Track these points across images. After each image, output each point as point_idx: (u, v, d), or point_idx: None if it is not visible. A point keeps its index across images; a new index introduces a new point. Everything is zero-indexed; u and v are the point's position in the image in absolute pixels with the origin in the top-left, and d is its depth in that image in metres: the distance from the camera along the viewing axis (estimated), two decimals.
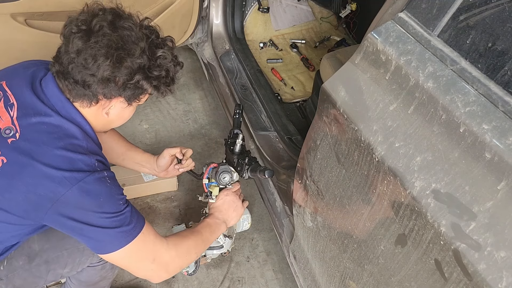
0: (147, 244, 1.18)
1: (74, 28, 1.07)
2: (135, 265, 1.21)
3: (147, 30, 1.13)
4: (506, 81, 0.73)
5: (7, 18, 1.58)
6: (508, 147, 0.69)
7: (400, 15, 0.93)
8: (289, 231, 1.61)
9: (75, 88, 1.08)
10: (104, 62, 1.04)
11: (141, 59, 1.08)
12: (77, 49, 1.05)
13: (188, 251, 1.31)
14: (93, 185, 1.06)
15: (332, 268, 1.21)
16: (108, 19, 1.07)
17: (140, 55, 1.07)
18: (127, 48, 1.06)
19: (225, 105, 2.18)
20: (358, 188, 0.99)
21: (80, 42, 1.04)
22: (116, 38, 1.05)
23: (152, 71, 1.11)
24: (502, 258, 0.67)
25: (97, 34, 1.05)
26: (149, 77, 1.11)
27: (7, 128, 1.08)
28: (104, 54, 1.04)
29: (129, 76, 1.08)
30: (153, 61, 1.11)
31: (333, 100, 1.03)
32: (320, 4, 2.69)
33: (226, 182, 1.54)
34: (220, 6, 2.30)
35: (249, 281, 1.87)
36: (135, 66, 1.07)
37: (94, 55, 1.04)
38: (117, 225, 1.10)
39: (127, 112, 1.21)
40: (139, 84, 1.10)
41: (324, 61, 1.60)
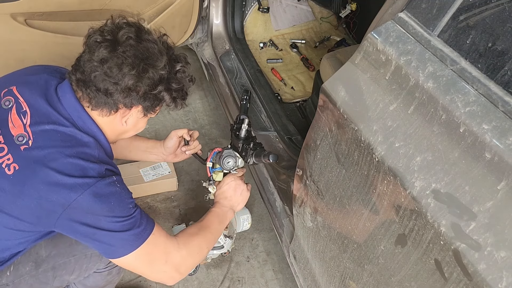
0: (158, 245, 1.18)
1: (98, 38, 1.09)
2: (148, 268, 1.20)
3: (166, 45, 1.17)
4: (506, 81, 0.73)
5: (7, 18, 1.58)
6: (508, 147, 0.69)
7: (400, 15, 0.93)
8: (289, 231, 1.61)
9: (97, 96, 1.10)
10: (130, 71, 1.06)
11: (164, 71, 1.12)
12: (102, 58, 1.06)
13: (200, 248, 1.30)
14: (104, 190, 1.07)
15: (332, 268, 1.21)
16: (133, 31, 1.10)
17: (163, 67, 1.11)
18: (152, 60, 1.09)
19: (225, 105, 2.18)
20: (358, 188, 0.99)
21: (106, 51, 1.06)
22: (142, 49, 1.09)
23: (172, 84, 1.15)
24: (502, 258, 0.67)
25: (124, 44, 1.07)
26: (169, 89, 1.15)
27: (20, 135, 1.08)
28: (130, 64, 1.06)
29: (151, 87, 1.11)
30: (173, 74, 1.15)
31: (333, 100, 1.03)
32: (320, 4, 2.69)
33: (230, 167, 1.50)
34: (220, 6, 2.30)
35: (249, 281, 1.87)
36: (156, 77, 1.11)
37: (119, 64, 1.06)
38: (128, 228, 1.10)
39: (141, 123, 1.24)
40: (160, 95, 1.14)
41: (324, 61, 1.60)
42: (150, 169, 2.14)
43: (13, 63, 1.73)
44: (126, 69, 1.06)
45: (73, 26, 1.80)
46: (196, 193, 2.16)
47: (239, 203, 1.49)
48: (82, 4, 1.76)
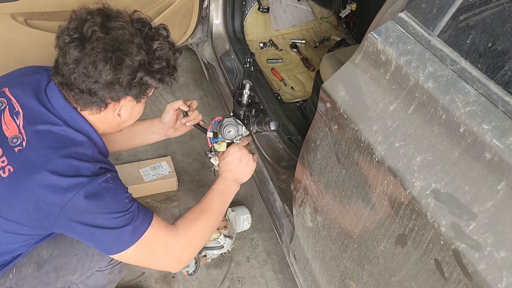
0: (158, 238, 1.16)
1: (67, 38, 1.06)
2: (150, 260, 1.19)
3: (139, 24, 1.11)
4: (506, 81, 0.73)
5: (7, 18, 1.58)
6: (508, 147, 0.69)
7: (400, 15, 0.93)
8: (289, 231, 1.61)
9: (82, 97, 1.09)
10: (104, 67, 1.03)
11: (140, 56, 1.07)
12: (75, 59, 1.04)
13: (201, 234, 1.25)
14: (98, 188, 1.06)
15: (332, 268, 1.21)
16: (98, 22, 1.06)
17: (138, 52, 1.07)
18: (123, 48, 1.05)
19: (225, 105, 2.18)
20: (358, 188, 0.99)
21: (76, 51, 1.04)
22: (111, 40, 1.04)
23: (153, 65, 1.10)
24: (502, 258, 0.67)
25: (91, 40, 1.04)
26: (151, 72, 1.11)
27: (14, 137, 1.08)
28: (102, 59, 1.03)
29: (131, 75, 1.07)
30: (152, 55, 1.10)
31: (333, 100, 1.03)
32: (320, 4, 2.69)
33: (232, 137, 1.40)
34: (220, 6, 2.30)
35: (249, 281, 1.87)
36: (135, 64, 1.07)
37: (93, 62, 1.03)
38: (125, 224, 1.09)
39: (137, 110, 1.21)
40: (143, 80, 1.10)
41: (324, 61, 1.60)
42: (150, 169, 2.14)
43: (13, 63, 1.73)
44: (101, 65, 1.03)
45: None
46: (196, 193, 2.16)
47: (245, 174, 1.39)
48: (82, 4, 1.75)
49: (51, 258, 1.29)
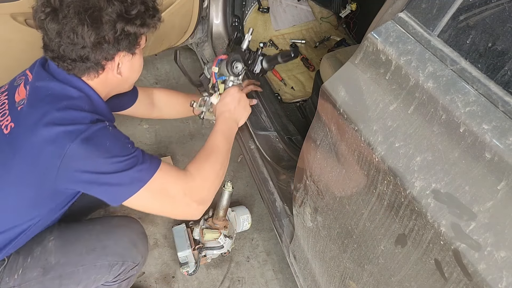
0: (170, 177, 1.13)
1: (41, 15, 1.07)
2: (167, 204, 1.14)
3: None
4: (506, 81, 0.73)
5: (7, 18, 1.58)
6: (508, 147, 0.69)
7: (400, 15, 0.93)
8: (289, 231, 1.61)
9: (77, 65, 1.10)
10: (83, 30, 1.04)
11: (113, 7, 1.06)
12: (56, 32, 1.06)
13: (215, 172, 1.23)
14: (97, 134, 1.05)
15: (332, 268, 1.21)
16: None
17: (109, 3, 1.06)
18: (93, 5, 1.05)
19: None
20: (358, 188, 0.99)
21: (54, 24, 1.06)
22: (80, 1, 1.05)
23: (130, 12, 1.09)
24: (502, 258, 0.67)
25: (62, 8, 1.05)
26: (130, 20, 1.10)
27: (21, 100, 1.13)
28: (79, 23, 1.04)
29: (113, 30, 1.07)
30: (126, 3, 1.09)
31: (333, 100, 1.03)
32: (320, 4, 2.69)
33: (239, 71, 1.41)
34: (220, 6, 2.30)
35: (249, 281, 1.87)
36: (113, 16, 1.06)
37: (72, 29, 1.04)
38: (131, 166, 1.06)
39: (136, 62, 1.21)
40: (126, 31, 1.10)
41: (324, 61, 1.60)
42: None
43: (13, 63, 1.73)
44: (79, 29, 1.04)
45: None
46: None
47: (242, 116, 1.41)
48: None
49: (58, 265, 1.28)
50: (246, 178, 2.23)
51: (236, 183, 2.21)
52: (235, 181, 2.22)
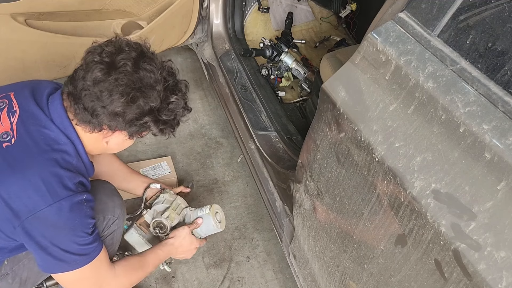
0: (100, 270, 1.20)
1: (97, 57, 1.08)
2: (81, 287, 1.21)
3: (167, 73, 1.15)
4: (506, 81, 0.73)
5: (7, 18, 1.58)
6: (508, 147, 0.69)
7: (400, 15, 0.93)
8: (289, 231, 1.61)
9: (83, 114, 1.10)
10: (119, 99, 1.06)
11: (155, 102, 1.10)
12: (95, 79, 1.06)
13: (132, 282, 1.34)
14: (72, 207, 1.08)
15: (332, 268, 1.21)
16: (132, 57, 1.09)
17: (155, 98, 1.10)
18: (143, 91, 1.08)
19: (225, 105, 2.18)
20: (358, 188, 0.99)
21: (100, 74, 1.06)
22: (136, 79, 1.07)
23: (162, 114, 1.14)
24: (502, 258, 0.67)
25: (119, 71, 1.06)
26: (158, 120, 1.14)
27: (5, 132, 1.09)
28: (120, 92, 1.06)
29: (138, 116, 1.10)
30: (165, 105, 1.13)
31: (333, 100, 1.03)
32: (320, 4, 2.69)
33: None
34: (220, 6, 2.30)
35: (249, 281, 1.87)
36: (146, 108, 1.10)
37: (110, 90, 1.06)
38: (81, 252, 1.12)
39: (126, 143, 1.24)
40: (147, 124, 1.13)
41: (324, 61, 1.60)
42: (150, 169, 2.14)
43: (13, 63, 1.73)
44: (116, 96, 1.06)
45: (73, 26, 1.80)
46: (196, 193, 2.16)
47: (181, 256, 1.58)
48: (82, 4, 1.75)
49: None
50: (246, 178, 2.23)
51: (236, 183, 2.21)
52: (235, 181, 2.22)
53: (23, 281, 1.31)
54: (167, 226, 1.62)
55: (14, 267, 1.27)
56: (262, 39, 2.37)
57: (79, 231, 1.11)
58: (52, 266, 1.13)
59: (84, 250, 1.13)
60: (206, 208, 1.69)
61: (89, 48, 1.13)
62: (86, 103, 1.08)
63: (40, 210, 1.04)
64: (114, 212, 1.39)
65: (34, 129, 1.10)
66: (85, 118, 1.11)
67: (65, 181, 1.07)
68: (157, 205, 1.72)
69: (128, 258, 1.38)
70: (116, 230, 1.41)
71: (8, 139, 1.08)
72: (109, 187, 1.45)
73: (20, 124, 1.10)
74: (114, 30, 1.94)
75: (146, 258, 1.41)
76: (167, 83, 1.14)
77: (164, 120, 1.15)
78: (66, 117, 1.13)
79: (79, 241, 1.12)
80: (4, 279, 1.26)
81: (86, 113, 1.10)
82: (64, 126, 1.13)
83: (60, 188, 1.06)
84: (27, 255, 1.27)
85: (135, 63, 1.09)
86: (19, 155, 1.06)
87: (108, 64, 1.07)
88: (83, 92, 1.08)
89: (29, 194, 1.04)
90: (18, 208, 1.04)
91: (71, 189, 1.08)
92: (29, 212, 1.04)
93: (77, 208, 1.09)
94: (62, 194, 1.06)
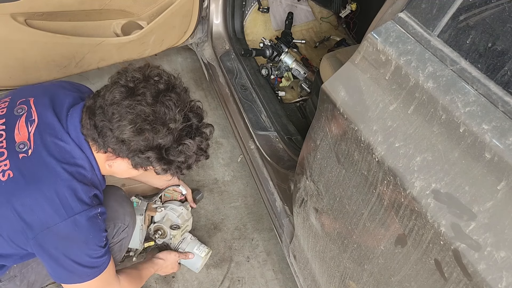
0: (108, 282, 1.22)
1: (123, 80, 1.07)
2: None
3: (192, 113, 1.10)
4: (506, 81, 0.73)
5: (7, 18, 1.58)
6: (508, 147, 0.69)
7: (400, 15, 0.93)
8: (289, 231, 1.61)
9: (92, 130, 1.09)
10: (126, 125, 1.03)
11: (164, 140, 1.05)
12: (112, 101, 1.04)
13: None
14: (87, 222, 1.08)
15: (332, 268, 1.21)
16: (156, 89, 1.05)
17: (165, 135, 1.05)
18: (154, 125, 1.04)
19: (225, 105, 2.18)
20: (358, 188, 0.99)
21: (118, 96, 1.04)
22: (150, 111, 1.03)
23: (169, 154, 1.09)
24: (502, 258, 0.67)
25: (135, 99, 1.03)
26: (162, 159, 1.09)
27: (22, 142, 1.09)
28: (130, 120, 1.03)
29: (143, 148, 1.06)
30: (176, 145, 1.08)
31: (333, 100, 1.03)
32: (320, 4, 2.69)
33: None
34: (220, 6, 2.30)
35: (249, 281, 1.87)
36: (153, 143, 1.05)
37: (121, 115, 1.03)
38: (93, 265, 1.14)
39: (132, 172, 1.19)
40: (149, 160, 1.09)
41: (324, 61, 1.60)
42: None
43: (13, 63, 1.74)
44: (124, 122, 1.03)
45: (73, 26, 1.80)
46: None
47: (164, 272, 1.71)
48: (82, 4, 1.75)
49: None
50: (246, 178, 2.23)
51: (236, 183, 2.21)
52: (235, 181, 2.22)
53: (31, 284, 1.32)
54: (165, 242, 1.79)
55: (23, 270, 1.27)
56: (262, 39, 2.37)
57: (93, 245, 1.12)
58: (63, 276, 1.14)
59: (96, 263, 1.14)
60: (204, 249, 1.80)
61: (120, 69, 1.12)
62: (97, 121, 1.07)
63: (55, 224, 1.04)
64: (125, 220, 1.39)
65: (50, 141, 1.09)
66: (93, 136, 1.09)
67: (80, 195, 1.07)
68: (171, 212, 1.80)
69: (128, 270, 1.43)
70: (125, 238, 1.42)
71: (25, 150, 1.07)
72: (120, 194, 1.45)
73: (37, 135, 1.10)
74: (114, 30, 1.94)
75: (143, 272, 1.51)
76: (188, 123, 1.08)
77: (170, 160, 1.09)
78: (80, 131, 1.13)
79: (92, 254, 1.12)
80: (12, 281, 1.27)
81: (94, 131, 1.08)
82: (80, 141, 1.12)
83: (75, 202, 1.06)
84: (35, 259, 1.27)
85: (156, 95, 1.05)
86: (34, 168, 1.06)
87: (129, 89, 1.05)
88: (98, 110, 1.07)
89: (43, 208, 1.04)
90: (32, 222, 1.04)
91: (86, 202, 1.08)
92: (43, 226, 1.04)
93: (92, 222, 1.09)
94: (77, 209, 1.06)
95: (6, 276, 1.25)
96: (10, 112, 1.16)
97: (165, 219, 1.79)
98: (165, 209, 1.80)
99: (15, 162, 1.07)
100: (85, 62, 1.91)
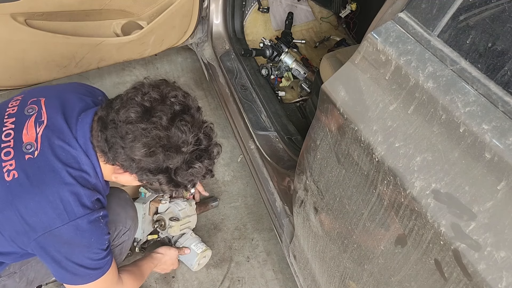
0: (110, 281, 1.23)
1: (139, 97, 1.05)
2: None
3: (204, 136, 1.09)
4: (506, 81, 0.73)
5: (7, 18, 1.58)
6: (508, 147, 0.69)
7: (400, 15, 0.93)
8: (289, 231, 1.61)
9: (103, 143, 1.08)
10: (139, 148, 1.02)
11: (174, 164, 1.06)
12: (126, 119, 1.03)
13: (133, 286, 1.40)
14: (89, 226, 1.08)
15: (332, 268, 1.21)
16: (172, 111, 1.04)
17: (176, 160, 1.05)
18: (167, 150, 1.03)
19: (225, 105, 2.18)
20: (358, 188, 0.99)
21: (134, 116, 1.03)
22: (164, 136, 1.02)
23: (178, 176, 1.08)
24: (502, 258, 0.67)
25: (151, 121, 1.02)
26: (171, 180, 1.09)
27: (29, 143, 1.08)
28: (144, 142, 1.02)
29: (153, 170, 1.06)
30: (185, 167, 1.08)
31: (333, 100, 1.03)
32: (320, 4, 2.69)
33: None
34: (220, 6, 2.30)
35: (249, 281, 1.87)
36: (163, 165, 1.05)
37: (135, 136, 1.02)
38: (95, 267, 1.14)
39: (135, 184, 1.19)
40: (158, 182, 1.09)
41: (324, 61, 1.60)
42: None
43: (13, 63, 1.74)
44: (138, 144, 1.02)
45: (73, 26, 1.80)
46: None
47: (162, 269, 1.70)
48: (82, 4, 1.75)
49: None
50: (246, 178, 2.23)
51: (236, 183, 2.21)
52: (235, 181, 2.22)
53: (30, 281, 1.32)
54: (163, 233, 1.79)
55: (22, 267, 1.27)
56: (262, 39, 2.37)
57: (95, 248, 1.12)
58: (66, 278, 1.15)
59: (98, 264, 1.15)
60: (201, 246, 1.81)
61: (137, 83, 1.10)
62: (109, 135, 1.06)
63: (56, 227, 1.04)
64: (126, 223, 1.39)
65: (57, 144, 1.09)
66: (102, 148, 1.09)
67: (83, 199, 1.07)
68: (175, 206, 1.81)
69: (129, 268, 1.43)
70: (126, 241, 1.42)
71: (31, 151, 1.07)
72: (124, 197, 1.45)
73: (45, 137, 1.09)
74: (114, 30, 1.94)
75: (144, 268, 1.50)
76: (198, 146, 1.08)
77: (178, 182, 1.10)
78: (89, 140, 1.12)
79: (94, 256, 1.13)
80: (11, 277, 1.27)
81: (105, 144, 1.07)
82: (87, 148, 1.12)
83: (78, 206, 1.06)
84: (35, 258, 1.28)
85: (172, 118, 1.03)
86: (39, 170, 1.06)
87: (145, 109, 1.04)
88: (111, 124, 1.06)
89: (46, 211, 1.04)
90: (34, 224, 1.04)
91: (89, 207, 1.08)
92: (45, 228, 1.04)
93: (94, 226, 1.09)
94: (79, 213, 1.06)
95: (6, 272, 1.25)
96: (20, 111, 1.15)
97: (167, 211, 1.80)
98: (169, 203, 1.82)
99: (20, 162, 1.07)
100: (85, 62, 1.91)
